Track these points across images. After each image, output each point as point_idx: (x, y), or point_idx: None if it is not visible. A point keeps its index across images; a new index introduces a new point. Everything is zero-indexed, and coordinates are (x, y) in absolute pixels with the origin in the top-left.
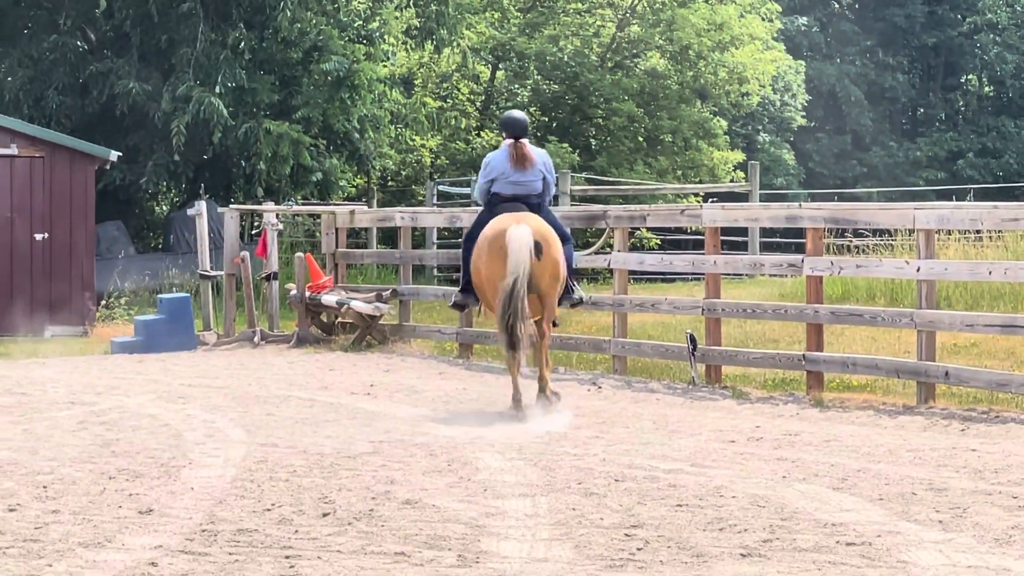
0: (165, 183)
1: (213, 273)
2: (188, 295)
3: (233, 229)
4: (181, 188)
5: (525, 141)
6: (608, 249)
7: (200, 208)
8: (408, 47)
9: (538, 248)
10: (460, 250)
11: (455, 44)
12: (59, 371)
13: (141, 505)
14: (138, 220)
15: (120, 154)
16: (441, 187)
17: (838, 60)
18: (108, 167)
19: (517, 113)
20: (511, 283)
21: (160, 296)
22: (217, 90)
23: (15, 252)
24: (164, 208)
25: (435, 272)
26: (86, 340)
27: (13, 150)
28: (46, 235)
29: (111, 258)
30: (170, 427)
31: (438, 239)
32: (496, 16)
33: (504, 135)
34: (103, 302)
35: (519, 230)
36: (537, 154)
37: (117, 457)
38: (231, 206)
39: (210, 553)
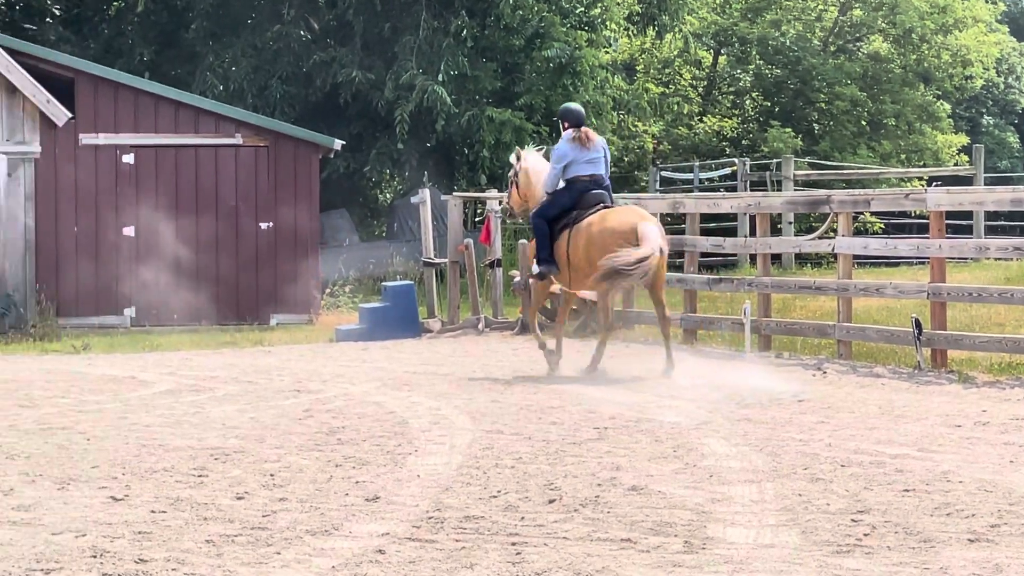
0: (388, 171)
1: (437, 260)
2: (412, 283)
3: (457, 216)
4: (404, 176)
5: (585, 128)
6: (832, 234)
7: (424, 196)
8: (630, 33)
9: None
10: (538, 225)
11: (677, 29)
12: (284, 359)
13: (368, 493)
14: (362, 208)
15: (343, 143)
16: (664, 173)
17: None
18: (332, 156)
19: (575, 104)
20: (646, 254)
21: (384, 284)
22: (440, 78)
23: (240, 241)
24: (387, 196)
25: None
26: (311, 328)
27: (238, 139)
28: (271, 224)
29: (335, 246)
30: (395, 414)
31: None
32: (718, 1)
33: (566, 124)
34: (327, 290)
35: (650, 227)
36: (597, 136)
37: (343, 445)
38: (454, 194)
39: (436, 540)
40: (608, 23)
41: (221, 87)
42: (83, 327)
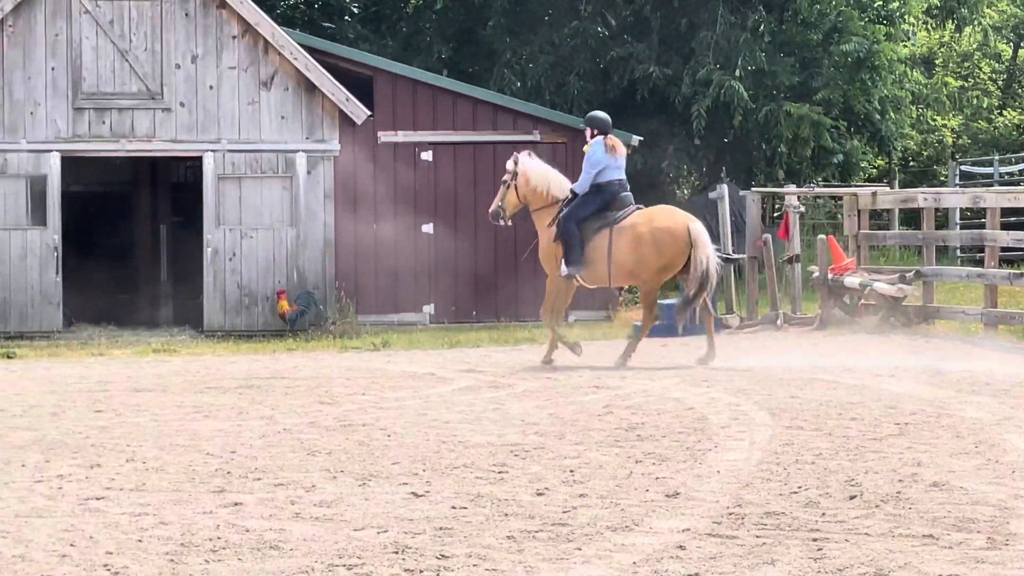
0: (686, 167)
1: (735, 256)
2: None
3: (755, 212)
4: (702, 171)
5: (611, 136)
6: None
7: (722, 191)
8: (928, 27)
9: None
10: (571, 228)
11: (976, 23)
12: (584, 356)
13: (668, 488)
14: (660, 204)
15: (641, 138)
16: (963, 167)
17: None
18: (629, 152)
19: (601, 113)
20: (708, 265)
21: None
22: (737, 73)
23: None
24: (685, 192)
25: (958, 253)
26: (609, 324)
27: (536, 136)
28: None
29: None
30: (694, 410)
31: (961, 220)
32: None
33: (595, 132)
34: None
35: (700, 227)
36: (621, 144)
37: (643, 441)
38: (753, 189)
39: (737, 536)
40: (906, 17)
41: (518, 84)
42: (382, 324)
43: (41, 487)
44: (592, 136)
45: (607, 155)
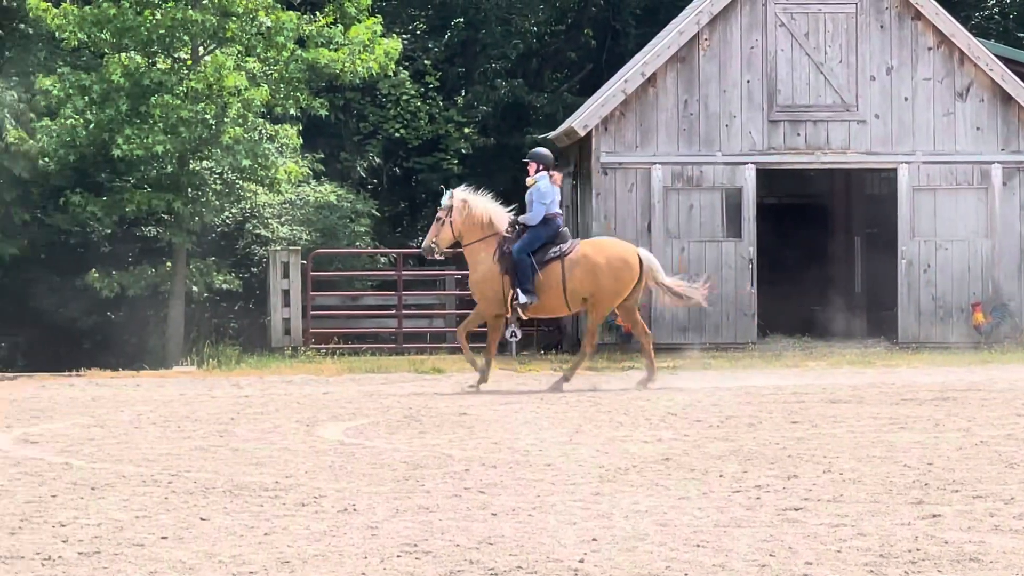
0: None
1: None
2: None
3: None
4: None
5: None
6: None
7: None
8: None
9: None
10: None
11: None
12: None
13: None
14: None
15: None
16: None
17: None
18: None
19: (545, 149)
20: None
21: None
22: None
23: None
24: None
25: None
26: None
27: None
28: None
29: None
30: None
31: None
32: None
33: (541, 167)
34: None
35: (648, 254)
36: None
37: None
38: None
39: None
40: None
41: None
42: None
43: (739, 497)
44: (537, 171)
45: (554, 189)
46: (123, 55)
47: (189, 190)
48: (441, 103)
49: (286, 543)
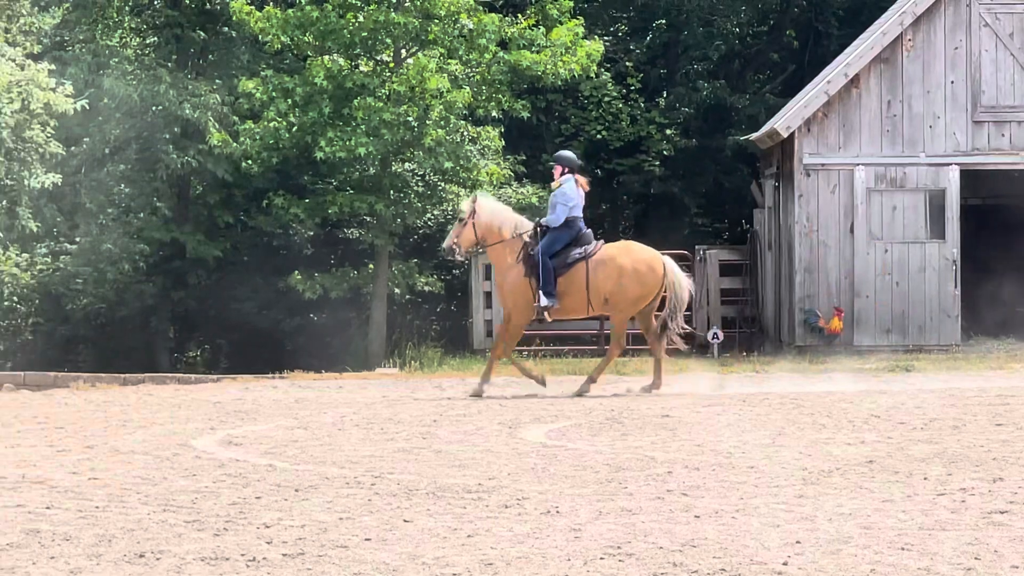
0: None
1: None
2: None
3: None
4: None
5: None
6: None
7: None
8: None
9: None
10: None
11: None
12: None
13: None
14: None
15: None
16: None
17: None
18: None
19: (570, 152)
20: (687, 296)
21: None
22: None
23: None
24: None
25: None
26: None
27: None
28: None
29: None
30: None
31: None
32: None
33: (565, 170)
34: None
35: (670, 260)
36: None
37: None
38: None
39: None
40: None
41: None
42: None
43: (944, 500)
44: (562, 174)
45: (578, 192)
46: (326, 58)
47: (391, 192)
48: (643, 105)
49: (489, 545)
